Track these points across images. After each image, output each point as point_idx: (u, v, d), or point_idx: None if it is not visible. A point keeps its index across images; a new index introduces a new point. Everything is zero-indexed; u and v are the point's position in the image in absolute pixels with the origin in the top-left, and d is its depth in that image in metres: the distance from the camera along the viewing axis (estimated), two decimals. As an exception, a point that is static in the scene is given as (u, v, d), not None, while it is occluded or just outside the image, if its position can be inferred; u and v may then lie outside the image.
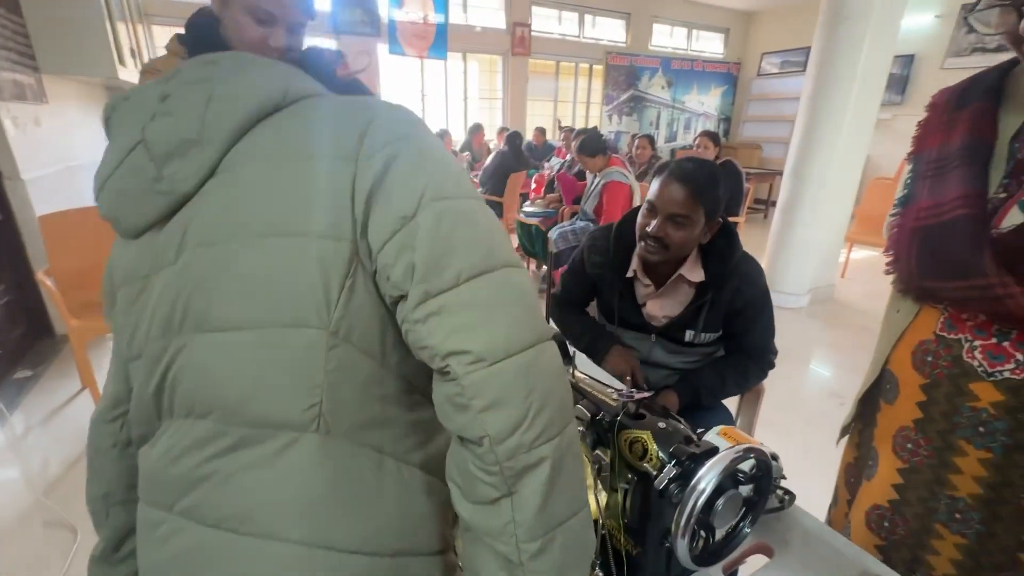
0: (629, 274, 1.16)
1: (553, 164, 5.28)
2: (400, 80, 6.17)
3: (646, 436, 0.58)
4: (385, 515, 0.45)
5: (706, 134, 3.36)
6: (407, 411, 0.47)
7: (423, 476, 0.48)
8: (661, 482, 0.52)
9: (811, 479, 1.00)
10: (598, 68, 7.31)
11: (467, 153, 5.50)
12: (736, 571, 0.75)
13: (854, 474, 0.88)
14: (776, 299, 1.23)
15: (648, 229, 1.05)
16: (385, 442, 0.46)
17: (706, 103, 8.11)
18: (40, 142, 2.77)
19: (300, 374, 0.42)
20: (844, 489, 0.92)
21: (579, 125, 7.32)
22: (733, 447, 0.54)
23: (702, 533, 0.56)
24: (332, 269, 0.42)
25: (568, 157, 4.18)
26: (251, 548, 0.42)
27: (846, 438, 0.92)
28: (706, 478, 0.50)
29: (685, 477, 0.52)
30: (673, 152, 7.48)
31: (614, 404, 0.65)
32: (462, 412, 0.39)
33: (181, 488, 0.44)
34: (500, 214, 4.42)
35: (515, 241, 4.36)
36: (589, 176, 3.39)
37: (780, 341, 1.16)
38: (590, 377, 0.75)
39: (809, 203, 3.27)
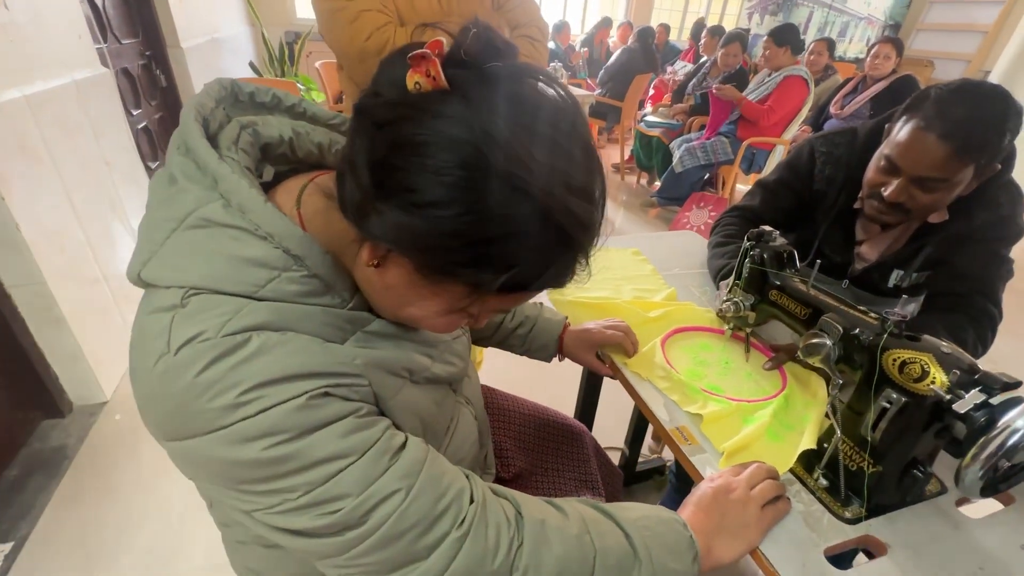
0: (858, 204, 0.90)
1: (677, 69, 4.73)
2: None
3: (927, 358, 0.53)
4: None
5: (889, 41, 2.81)
6: None
7: None
8: (963, 407, 0.48)
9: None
10: (745, -47, 6.23)
11: (586, 49, 5.07)
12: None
13: None
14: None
15: (884, 192, 0.82)
16: None
17: (873, 3, 6.75)
18: (192, 14, 2.89)
19: None
20: None
21: (711, 23, 6.45)
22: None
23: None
24: None
25: (707, 62, 3.70)
26: None
27: None
28: (1030, 412, 0.46)
29: (993, 407, 0.48)
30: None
31: (874, 322, 0.60)
32: None
33: None
34: (618, 119, 4.11)
35: (627, 152, 4.08)
36: (759, 76, 3.04)
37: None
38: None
39: None
